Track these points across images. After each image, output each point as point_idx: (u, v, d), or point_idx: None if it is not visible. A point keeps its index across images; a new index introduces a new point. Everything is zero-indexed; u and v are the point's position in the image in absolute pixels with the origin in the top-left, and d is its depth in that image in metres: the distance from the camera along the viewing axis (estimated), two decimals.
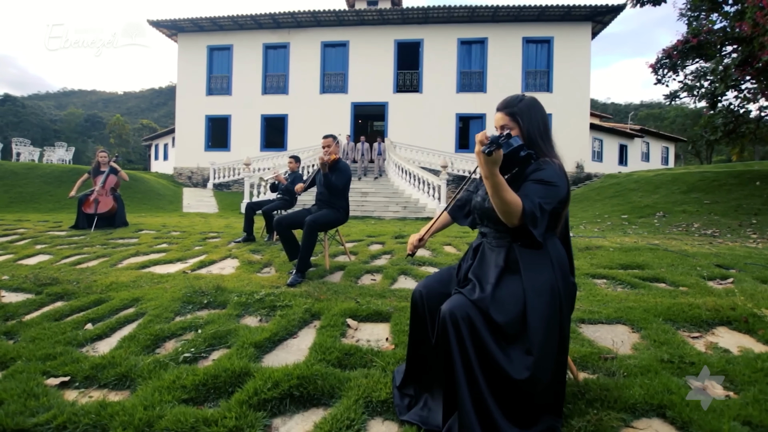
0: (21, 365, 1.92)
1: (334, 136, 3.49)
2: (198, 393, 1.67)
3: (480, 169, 1.25)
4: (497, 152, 1.19)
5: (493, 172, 1.21)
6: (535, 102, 1.51)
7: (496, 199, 1.25)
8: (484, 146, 1.19)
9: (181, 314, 2.59)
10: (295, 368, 1.75)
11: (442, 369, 1.35)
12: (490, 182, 1.23)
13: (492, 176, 1.21)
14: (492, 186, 1.23)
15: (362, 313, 2.50)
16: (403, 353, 1.96)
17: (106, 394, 1.75)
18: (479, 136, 1.22)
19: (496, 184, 1.22)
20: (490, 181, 1.23)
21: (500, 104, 1.53)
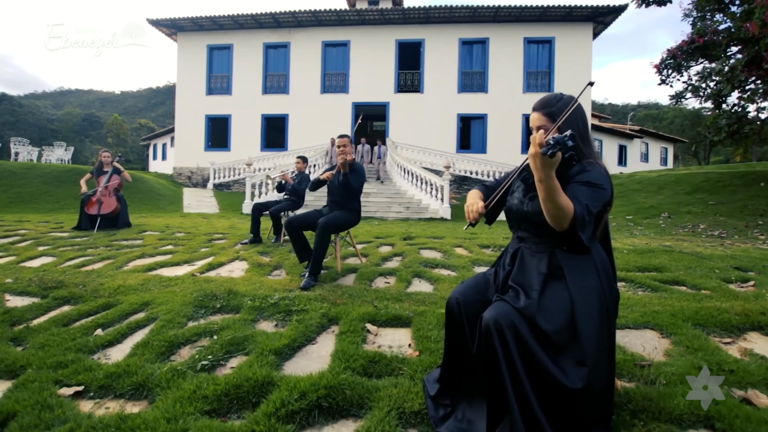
0: (32, 374, 1.84)
1: (349, 136, 3.42)
2: (220, 404, 1.60)
3: (535, 173, 1.18)
4: (557, 154, 1.13)
5: (549, 175, 1.15)
6: (574, 99, 1.45)
7: (550, 204, 1.20)
8: (545, 147, 1.12)
9: (193, 319, 2.51)
10: (321, 377, 1.68)
11: (485, 379, 1.29)
12: (544, 186, 1.17)
13: (548, 179, 1.16)
14: (546, 190, 1.17)
15: (381, 318, 2.43)
16: (430, 360, 1.90)
17: (123, 405, 1.67)
18: (537, 137, 1.16)
19: (551, 188, 1.17)
20: (544, 184, 1.17)
21: (537, 104, 1.47)
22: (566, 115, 1.38)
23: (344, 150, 3.42)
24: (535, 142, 1.16)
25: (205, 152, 16.74)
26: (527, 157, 1.47)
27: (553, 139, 1.14)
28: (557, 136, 1.14)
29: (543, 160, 1.14)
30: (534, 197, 1.43)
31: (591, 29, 15.25)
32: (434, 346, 2.04)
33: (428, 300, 2.78)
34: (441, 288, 3.06)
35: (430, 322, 2.34)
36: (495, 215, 1.64)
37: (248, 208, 10.87)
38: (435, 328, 2.26)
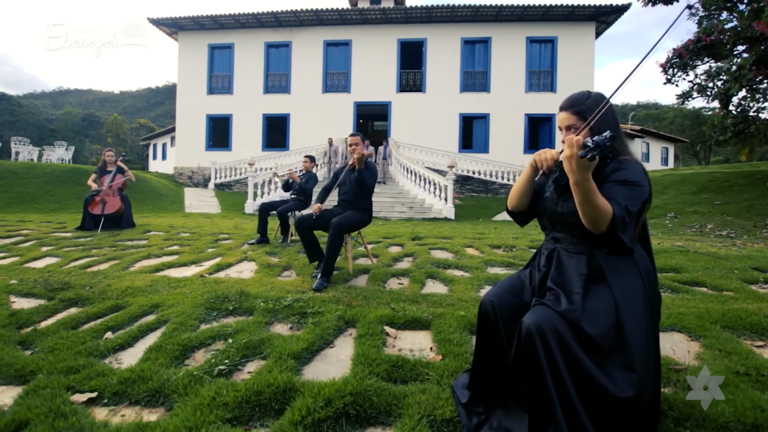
0: (43, 379, 1.77)
1: (360, 134, 3.37)
2: (242, 411, 1.53)
3: (571, 176, 1.13)
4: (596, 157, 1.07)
5: (586, 178, 1.11)
6: (604, 98, 1.39)
7: (587, 206, 1.14)
8: (584, 150, 1.06)
9: (206, 322, 2.45)
10: (346, 383, 1.61)
11: (525, 386, 1.23)
12: (581, 188, 1.12)
13: (585, 182, 1.11)
14: (583, 193, 1.12)
15: (399, 320, 2.37)
16: (455, 364, 1.83)
17: (140, 413, 1.61)
18: (574, 139, 1.10)
19: (588, 190, 1.12)
20: (581, 187, 1.12)
21: (565, 103, 1.41)
22: (599, 113, 1.31)
23: (355, 148, 3.36)
24: (572, 144, 1.10)
25: (206, 152, 16.66)
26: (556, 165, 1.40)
27: (593, 141, 1.07)
28: (597, 137, 1.07)
29: (580, 162, 1.09)
30: (569, 199, 1.37)
31: (593, 29, 15.21)
32: (458, 350, 1.98)
33: (445, 302, 2.71)
34: (456, 289, 3.00)
35: (450, 324, 2.27)
36: (530, 216, 1.58)
37: (251, 208, 10.80)
38: (456, 330, 2.20)
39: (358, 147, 3.36)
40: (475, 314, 2.42)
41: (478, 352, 1.48)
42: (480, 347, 1.47)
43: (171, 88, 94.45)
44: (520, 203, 1.51)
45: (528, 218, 1.60)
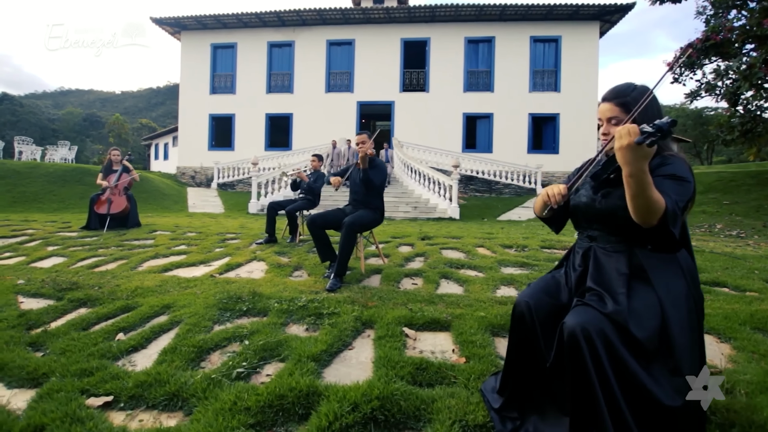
0: (56, 383, 1.72)
1: (368, 132, 3.31)
2: (265, 416, 1.48)
3: (626, 167, 1.06)
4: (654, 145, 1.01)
5: (642, 169, 1.05)
6: (649, 90, 1.33)
7: (640, 200, 1.08)
8: (642, 137, 1.00)
9: (219, 323, 2.40)
10: (371, 387, 1.56)
11: (569, 391, 1.17)
12: (636, 180, 1.06)
13: (641, 173, 1.05)
14: (639, 185, 1.06)
15: (418, 321, 2.31)
16: (481, 367, 1.78)
17: (157, 417, 1.55)
18: (629, 127, 1.04)
19: (644, 182, 1.06)
20: (636, 179, 1.06)
21: (609, 94, 1.36)
22: (643, 104, 1.26)
23: (363, 147, 3.30)
24: (629, 132, 1.04)
25: (209, 152, 16.61)
26: (600, 153, 1.35)
27: (653, 126, 1.02)
28: (658, 121, 1.01)
29: (638, 152, 1.03)
30: (607, 194, 1.31)
31: (597, 28, 15.15)
32: (482, 352, 1.93)
33: (462, 302, 2.66)
34: (472, 290, 2.94)
35: (470, 325, 2.22)
36: (563, 220, 1.52)
37: (254, 208, 10.75)
38: (477, 332, 2.14)
39: (365, 145, 3.30)
40: (495, 315, 2.37)
41: (511, 354, 1.42)
42: (513, 350, 1.41)
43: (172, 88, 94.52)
44: (547, 215, 1.46)
45: (561, 222, 1.54)
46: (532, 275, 3.26)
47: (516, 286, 3.04)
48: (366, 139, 3.30)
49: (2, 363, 1.92)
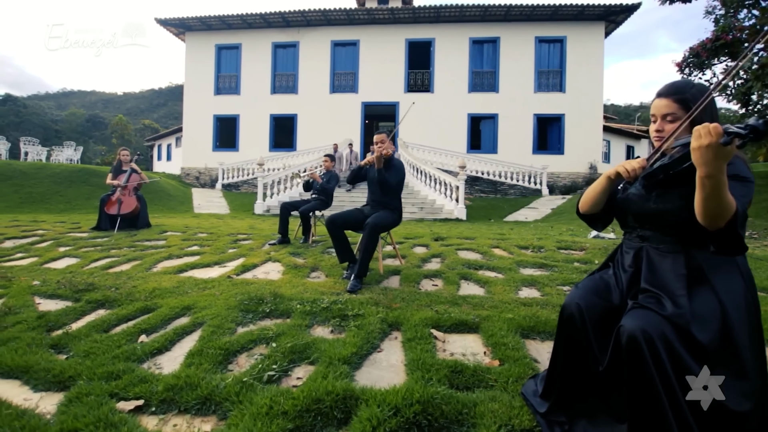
0: (84, 386, 1.69)
1: (387, 131, 3.27)
2: (303, 421, 1.44)
3: (703, 168, 1.01)
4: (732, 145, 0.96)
5: (721, 170, 0.99)
6: (708, 89, 1.29)
7: (713, 201, 1.03)
8: (727, 137, 0.95)
9: (242, 324, 2.36)
10: (410, 391, 1.52)
11: (627, 395, 1.13)
12: (712, 182, 1.00)
13: (719, 174, 0.99)
14: (715, 186, 1.00)
15: (445, 323, 2.27)
16: (517, 370, 1.74)
17: (191, 422, 1.52)
18: (710, 127, 0.99)
19: (720, 183, 1.00)
20: (713, 180, 1.00)
21: (665, 89, 1.30)
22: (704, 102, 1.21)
23: (381, 146, 3.27)
24: (709, 133, 0.99)
25: (213, 152, 16.60)
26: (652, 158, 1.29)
27: (745, 126, 0.95)
28: (751, 121, 0.96)
29: (719, 152, 0.97)
30: (663, 194, 1.27)
31: (603, 28, 15.11)
32: (515, 354, 1.89)
33: (486, 304, 2.62)
34: (494, 291, 2.90)
35: (499, 327, 2.18)
36: (608, 219, 1.48)
37: (260, 209, 10.73)
38: (508, 334, 2.11)
39: (384, 145, 3.26)
40: (523, 316, 2.33)
41: (559, 357, 1.39)
42: (561, 352, 1.37)
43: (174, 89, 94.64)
44: (593, 209, 1.42)
45: (606, 221, 1.50)
46: (552, 276, 3.22)
47: (538, 288, 3.00)
48: (385, 138, 3.26)
49: (27, 366, 1.89)
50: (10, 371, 1.88)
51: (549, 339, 2.14)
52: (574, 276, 3.21)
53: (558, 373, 1.38)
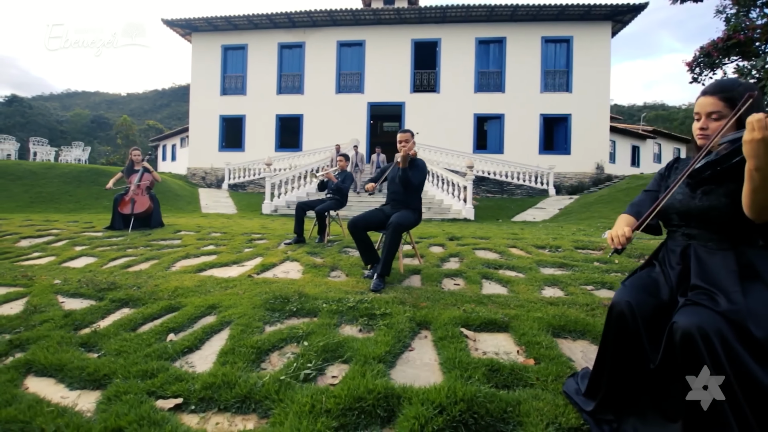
0: (121, 384, 1.69)
1: (410, 131, 3.27)
2: (346, 419, 1.44)
3: (754, 161, 1.02)
4: None
5: None
6: (755, 87, 1.28)
7: (763, 193, 1.06)
8: None
9: (270, 323, 2.36)
10: (452, 389, 1.51)
11: (682, 393, 1.12)
12: (762, 174, 1.03)
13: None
14: (765, 178, 1.02)
15: (473, 322, 2.26)
16: (554, 369, 1.73)
17: (232, 420, 1.52)
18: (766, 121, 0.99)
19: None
20: (762, 173, 1.02)
21: (712, 88, 1.30)
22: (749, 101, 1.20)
23: (406, 145, 3.27)
24: (765, 125, 1.00)
25: (219, 153, 16.64)
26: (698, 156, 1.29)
27: None
28: None
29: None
30: (709, 191, 1.27)
31: (609, 28, 15.06)
32: (550, 353, 1.88)
33: (511, 303, 2.60)
34: (518, 290, 2.89)
35: (530, 326, 2.17)
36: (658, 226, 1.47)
37: (268, 209, 10.74)
38: (539, 332, 2.10)
39: (408, 144, 3.26)
40: (552, 315, 2.31)
41: (606, 355, 1.37)
42: (610, 351, 1.36)
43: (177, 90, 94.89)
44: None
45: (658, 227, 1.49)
46: (574, 276, 3.20)
47: (561, 287, 2.98)
48: (409, 137, 3.26)
49: (60, 364, 1.89)
50: (44, 369, 1.89)
51: (580, 338, 2.13)
52: (595, 275, 3.20)
53: (606, 371, 1.37)
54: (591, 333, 2.13)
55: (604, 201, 10.99)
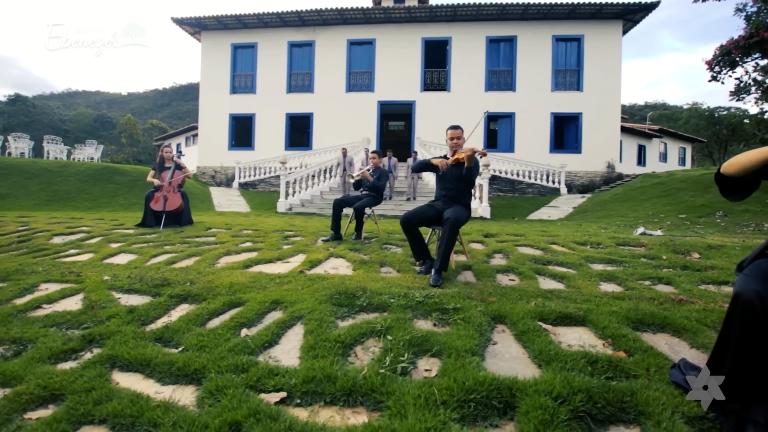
0: (218, 379, 1.68)
1: (461, 128, 3.26)
2: (464, 410, 1.44)
3: None
4: None
5: None
6: None
7: None
8: None
9: (341, 318, 2.35)
10: (567, 380, 1.51)
11: None
12: None
13: None
14: None
15: (549, 316, 2.25)
16: (651, 361, 1.72)
17: (341, 413, 1.51)
18: None
19: None
20: None
21: None
22: None
23: (458, 141, 3.27)
24: None
25: (229, 151, 16.62)
26: None
27: None
28: None
29: None
30: None
31: (621, 27, 15.05)
32: (639, 345, 1.88)
33: (577, 297, 2.59)
34: (576, 285, 2.88)
35: (608, 320, 2.16)
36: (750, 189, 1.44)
37: (283, 207, 10.73)
38: (620, 325, 2.09)
39: (461, 140, 3.27)
40: (627, 309, 2.31)
41: (729, 346, 1.36)
42: (734, 341, 1.35)
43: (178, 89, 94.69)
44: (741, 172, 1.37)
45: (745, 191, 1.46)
46: (627, 272, 3.19)
47: (617, 282, 2.98)
48: (461, 134, 3.26)
49: (144, 359, 1.88)
50: (129, 365, 1.87)
51: (660, 331, 2.12)
52: (648, 271, 3.19)
53: (729, 362, 1.36)
54: (671, 326, 2.12)
55: (619, 200, 10.99)
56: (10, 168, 9.82)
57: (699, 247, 3.90)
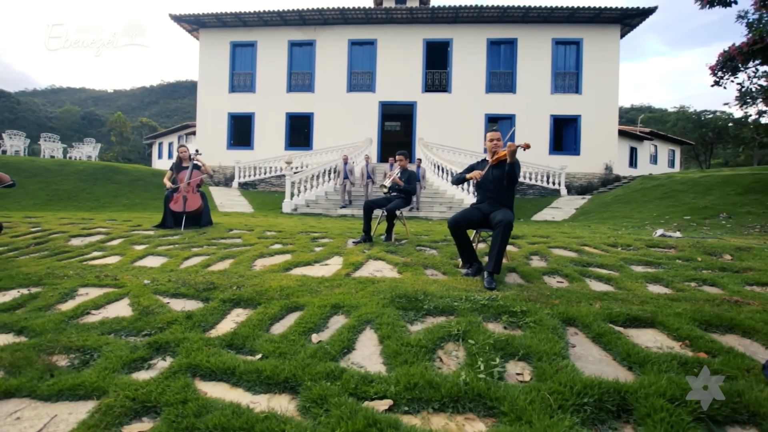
0: (316, 387, 1.65)
1: (499, 130, 3.30)
2: (583, 415, 1.45)
3: None
4: None
5: None
6: None
7: None
8: None
9: (410, 322, 2.34)
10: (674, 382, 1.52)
11: None
12: None
13: None
14: None
15: (617, 318, 2.28)
16: (739, 361, 1.75)
17: (453, 419, 1.50)
18: None
19: None
20: None
21: None
22: None
23: (498, 143, 3.29)
24: None
25: (228, 151, 16.39)
26: None
27: None
28: None
29: None
30: None
31: (619, 31, 15.33)
32: (719, 347, 1.92)
33: (633, 299, 2.63)
34: (626, 287, 2.92)
35: (678, 322, 2.20)
36: None
37: (288, 207, 10.63)
38: (692, 327, 2.13)
39: (500, 143, 3.30)
40: (692, 311, 2.34)
41: None
42: None
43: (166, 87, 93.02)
44: None
45: None
46: (670, 273, 3.25)
47: (664, 284, 3.03)
48: (500, 136, 3.28)
49: (227, 367, 1.84)
50: (212, 373, 1.83)
51: (728, 332, 2.17)
52: (690, 273, 3.25)
53: None
54: (739, 327, 2.17)
55: (621, 201, 11.19)
56: (8, 166, 9.50)
57: (728, 248, 3.99)
